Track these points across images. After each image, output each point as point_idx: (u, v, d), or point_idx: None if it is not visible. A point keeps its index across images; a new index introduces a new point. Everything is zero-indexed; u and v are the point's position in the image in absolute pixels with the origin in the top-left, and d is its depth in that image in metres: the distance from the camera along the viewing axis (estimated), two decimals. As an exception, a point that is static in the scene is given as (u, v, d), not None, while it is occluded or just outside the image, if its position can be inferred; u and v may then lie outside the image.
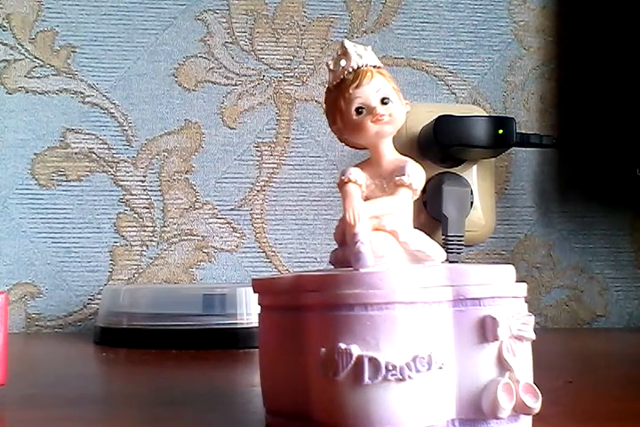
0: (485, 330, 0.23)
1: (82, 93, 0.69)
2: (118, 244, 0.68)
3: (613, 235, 0.74)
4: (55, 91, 0.69)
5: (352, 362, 0.22)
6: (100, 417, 0.32)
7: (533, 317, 0.24)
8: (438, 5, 0.73)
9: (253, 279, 0.28)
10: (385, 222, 0.26)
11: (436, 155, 0.67)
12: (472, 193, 0.66)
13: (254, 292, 0.28)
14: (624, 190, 0.72)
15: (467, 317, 0.24)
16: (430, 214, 0.67)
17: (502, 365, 0.24)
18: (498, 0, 0.74)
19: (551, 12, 0.74)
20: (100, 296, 0.65)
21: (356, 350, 0.23)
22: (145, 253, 0.69)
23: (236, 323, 0.53)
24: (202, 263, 0.69)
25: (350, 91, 0.26)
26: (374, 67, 0.26)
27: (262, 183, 0.70)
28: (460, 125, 0.62)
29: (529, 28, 0.74)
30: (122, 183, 0.69)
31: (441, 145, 0.63)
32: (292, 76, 0.71)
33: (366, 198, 0.27)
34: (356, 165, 0.28)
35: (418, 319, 0.23)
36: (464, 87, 0.73)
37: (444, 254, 0.27)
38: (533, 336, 0.24)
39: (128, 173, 0.69)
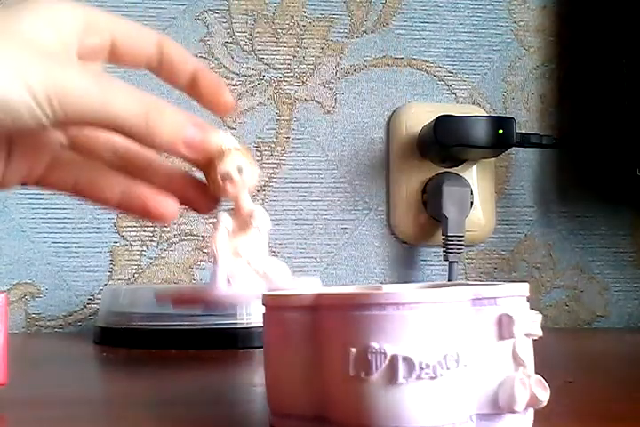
0: (502, 328, 0.25)
1: (82, 93, 0.69)
2: (118, 244, 0.68)
3: (613, 235, 0.74)
4: (55, 91, 0.69)
5: (386, 361, 0.23)
6: (100, 417, 0.32)
7: (541, 315, 0.25)
8: (438, 5, 0.73)
9: (264, 295, 0.29)
10: (241, 253, 0.34)
11: (435, 155, 0.67)
12: (472, 193, 0.66)
13: (264, 304, 0.28)
14: (624, 190, 0.72)
15: (485, 315, 0.25)
16: (430, 214, 0.67)
17: (517, 361, 0.25)
18: (498, 0, 0.74)
19: (551, 12, 0.74)
20: (99, 296, 0.65)
21: (389, 350, 0.23)
22: (145, 253, 0.69)
23: (236, 323, 0.53)
24: (202, 263, 0.69)
25: (216, 164, 0.34)
26: (233, 147, 0.35)
27: (262, 183, 0.70)
28: (460, 125, 0.62)
29: (529, 28, 0.74)
30: (122, 183, 0.69)
31: (441, 145, 0.63)
32: (291, 76, 0.71)
33: (233, 235, 0.35)
34: (227, 211, 0.36)
35: (447, 318, 0.24)
36: (464, 87, 0.73)
37: (288, 273, 0.33)
38: (541, 333, 0.25)
39: (128, 173, 0.69)
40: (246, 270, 0.34)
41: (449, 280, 0.64)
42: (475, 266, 0.72)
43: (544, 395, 0.25)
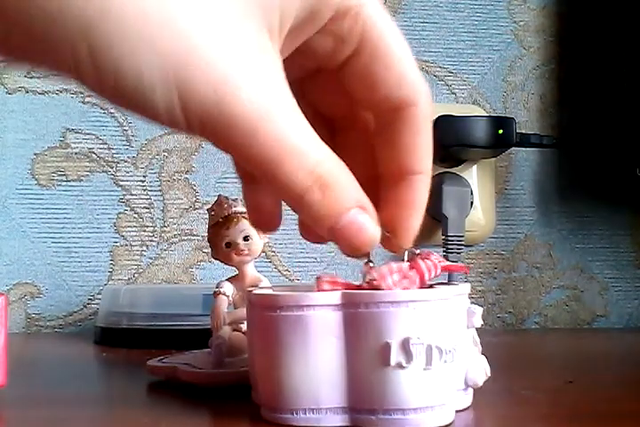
0: (469, 318, 0.30)
1: (82, 93, 0.69)
2: (118, 244, 0.68)
3: (613, 235, 0.74)
4: (55, 91, 0.69)
5: (424, 350, 0.26)
6: (99, 417, 0.32)
7: (481, 308, 0.30)
8: (438, 5, 0.73)
9: (275, 295, 0.28)
10: (242, 326, 0.37)
11: (435, 155, 0.66)
12: (472, 193, 0.66)
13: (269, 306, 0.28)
14: (624, 190, 0.72)
15: (462, 308, 0.29)
16: (430, 214, 0.67)
17: (476, 345, 0.31)
18: (498, 0, 0.74)
19: (551, 12, 0.74)
20: (100, 296, 0.65)
21: (425, 340, 0.26)
22: (145, 253, 0.69)
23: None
24: (202, 263, 0.69)
25: (222, 231, 0.37)
26: (241, 213, 0.36)
27: (262, 183, 0.70)
28: (460, 125, 0.62)
29: (529, 28, 0.74)
30: (122, 183, 0.69)
31: (441, 145, 0.63)
32: (291, 76, 0.71)
33: (235, 304, 0.38)
34: (228, 279, 0.38)
35: (457, 311, 0.29)
36: (464, 87, 0.73)
37: None
38: (482, 323, 0.30)
39: (128, 173, 0.69)
40: (244, 341, 0.34)
41: (449, 280, 0.64)
42: (475, 266, 0.72)
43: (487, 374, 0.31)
